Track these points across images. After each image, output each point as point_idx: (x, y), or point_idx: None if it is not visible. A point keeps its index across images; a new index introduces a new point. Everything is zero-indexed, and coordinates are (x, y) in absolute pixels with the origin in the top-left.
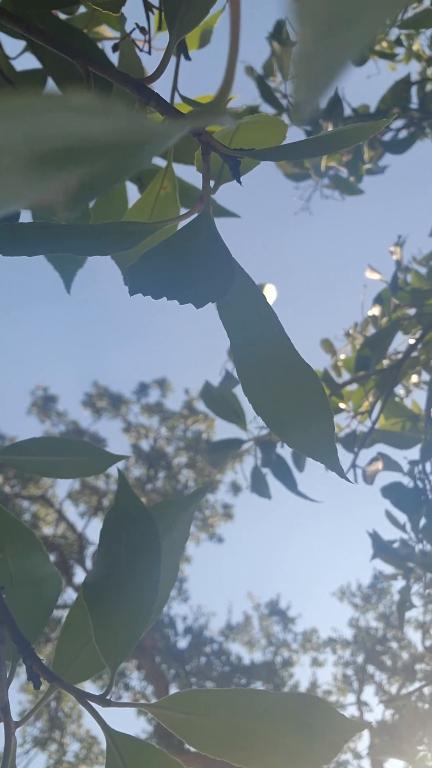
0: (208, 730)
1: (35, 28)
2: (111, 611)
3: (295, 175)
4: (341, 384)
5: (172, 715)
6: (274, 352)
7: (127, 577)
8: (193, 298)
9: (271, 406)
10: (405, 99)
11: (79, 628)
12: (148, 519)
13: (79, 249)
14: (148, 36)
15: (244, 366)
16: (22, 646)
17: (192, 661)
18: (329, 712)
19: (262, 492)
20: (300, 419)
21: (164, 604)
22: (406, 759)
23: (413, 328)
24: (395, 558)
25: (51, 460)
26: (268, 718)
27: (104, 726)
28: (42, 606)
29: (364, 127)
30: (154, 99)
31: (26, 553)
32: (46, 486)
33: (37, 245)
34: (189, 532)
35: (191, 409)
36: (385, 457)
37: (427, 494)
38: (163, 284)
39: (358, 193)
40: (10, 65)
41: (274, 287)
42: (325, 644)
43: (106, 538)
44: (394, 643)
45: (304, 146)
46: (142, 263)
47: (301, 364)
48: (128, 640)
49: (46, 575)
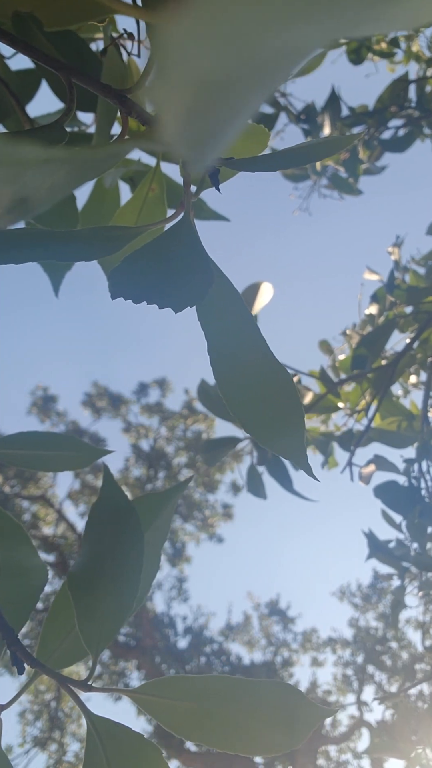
0: (187, 714)
1: (20, 41)
2: (94, 600)
3: (294, 176)
4: (338, 382)
5: (152, 700)
6: (250, 355)
7: (111, 567)
8: (171, 302)
9: (247, 407)
10: (403, 98)
11: (63, 617)
12: (132, 511)
13: (65, 255)
14: (137, 39)
15: (221, 368)
16: (6, 633)
17: (192, 661)
18: (301, 699)
19: (257, 492)
20: (273, 420)
21: (147, 593)
22: (403, 757)
23: (410, 327)
24: (391, 558)
25: (38, 454)
26: (244, 704)
27: (84, 709)
28: (28, 596)
29: (339, 139)
30: (136, 110)
31: (13, 545)
32: (46, 486)
33: (24, 252)
34: (171, 524)
35: (191, 409)
36: (381, 459)
37: (420, 493)
38: (142, 288)
39: (356, 193)
40: (5, 65)
41: (271, 286)
42: (325, 644)
43: (91, 529)
44: (394, 643)
45: (280, 157)
46: (123, 268)
47: (277, 367)
48: (111, 628)
49: (33, 566)
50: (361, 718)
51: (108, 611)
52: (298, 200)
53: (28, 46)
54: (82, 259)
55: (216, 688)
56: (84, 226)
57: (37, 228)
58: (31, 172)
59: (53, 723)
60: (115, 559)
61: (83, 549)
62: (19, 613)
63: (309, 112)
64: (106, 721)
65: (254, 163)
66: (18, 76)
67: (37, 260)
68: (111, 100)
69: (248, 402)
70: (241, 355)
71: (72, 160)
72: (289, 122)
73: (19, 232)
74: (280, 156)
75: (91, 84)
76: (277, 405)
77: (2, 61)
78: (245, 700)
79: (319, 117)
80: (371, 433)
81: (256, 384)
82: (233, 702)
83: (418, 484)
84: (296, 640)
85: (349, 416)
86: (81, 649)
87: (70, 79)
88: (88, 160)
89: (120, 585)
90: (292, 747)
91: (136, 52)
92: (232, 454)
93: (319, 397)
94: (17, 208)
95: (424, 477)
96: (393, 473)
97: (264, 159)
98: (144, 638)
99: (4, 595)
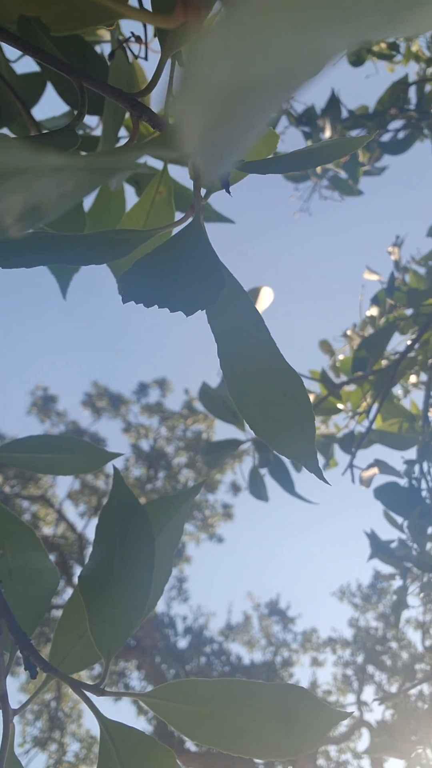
0: (198, 718)
1: (31, 45)
2: (106, 604)
3: (295, 177)
4: (339, 384)
5: (163, 704)
6: (260, 357)
7: (122, 572)
8: (182, 305)
9: (257, 410)
10: (403, 100)
11: (75, 621)
12: (143, 515)
13: (74, 259)
14: (145, 42)
15: (232, 371)
16: (19, 637)
17: (192, 661)
18: (313, 701)
19: (259, 494)
20: (284, 423)
21: (158, 597)
22: (403, 757)
23: (410, 329)
24: (392, 558)
25: (47, 458)
26: (255, 708)
27: (97, 714)
28: (39, 599)
29: (348, 141)
30: (146, 113)
31: (25, 549)
32: (46, 486)
33: (35, 257)
34: (183, 529)
35: (191, 409)
36: (382, 463)
37: (421, 495)
38: (154, 292)
39: (357, 194)
40: (10, 69)
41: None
42: (325, 644)
43: (101, 533)
44: (394, 643)
45: (290, 160)
46: (134, 272)
47: (287, 369)
48: (122, 632)
49: (44, 570)
50: (361, 718)
51: (120, 615)
52: (299, 201)
53: (38, 49)
54: (92, 262)
55: (227, 692)
56: (90, 229)
57: (47, 232)
58: (44, 179)
59: (53, 723)
60: (126, 563)
61: (94, 552)
62: (31, 617)
63: (309, 114)
64: (119, 725)
65: (265, 166)
66: (23, 79)
67: (48, 264)
68: (122, 104)
69: (258, 404)
70: (251, 357)
71: (84, 167)
72: (290, 125)
73: (30, 237)
74: (290, 159)
75: (102, 88)
76: (286, 407)
77: (8, 64)
78: (256, 704)
79: (320, 120)
80: (372, 435)
81: (265, 386)
82: (244, 705)
83: (419, 486)
84: (296, 640)
85: (350, 418)
86: (93, 654)
87: (81, 84)
88: (101, 167)
89: (131, 589)
90: (306, 751)
91: (142, 54)
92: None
93: (320, 398)
94: (29, 216)
95: (425, 478)
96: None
97: (274, 162)
98: (144, 638)
99: (15, 598)
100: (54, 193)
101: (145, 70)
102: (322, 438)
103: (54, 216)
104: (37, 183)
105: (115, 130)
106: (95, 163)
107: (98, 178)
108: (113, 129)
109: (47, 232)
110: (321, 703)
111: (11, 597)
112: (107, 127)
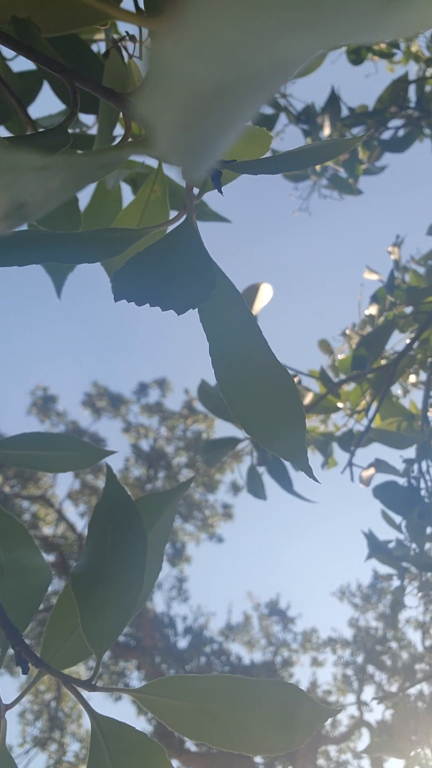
0: (190, 714)
1: (23, 45)
2: (97, 600)
3: (294, 176)
4: (338, 383)
5: (155, 700)
6: (252, 357)
7: (114, 567)
8: (174, 304)
9: (249, 409)
10: (402, 98)
11: (66, 617)
12: (134, 511)
13: (68, 257)
14: (140, 41)
15: (223, 370)
16: (10, 633)
17: (192, 661)
18: (303, 698)
19: (257, 493)
20: (275, 422)
21: (149, 593)
22: (403, 757)
23: (410, 327)
24: (390, 558)
25: (41, 455)
26: (247, 703)
27: (88, 708)
28: (31, 596)
29: (342, 142)
30: (138, 114)
31: (17, 545)
32: (45, 486)
33: (28, 255)
34: (173, 524)
35: (191, 409)
36: (381, 462)
37: (420, 494)
38: (145, 291)
39: (356, 193)
40: (6, 66)
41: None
42: (324, 644)
43: (93, 529)
44: (394, 643)
45: (283, 160)
46: (126, 270)
47: (279, 369)
48: (114, 628)
49: (36, 567)
50: (361, 718)
51: (111, 611)
52: (298, 200)
53: (30, 49)
54: (85, 261)
55: (219, 688)
56: (86, 227)
57: (40, 230)
58: (28, 178)
59: (53, 723)
60: (118, 559)
61: (86, 549)
62: (23, 613)
63: (309, 112)
64: (110, 720)
65: (257, 167)
66: (20, 77)
67: (41, 262)
68: (113, 104)
69: (249, 403)
70: (243, 357)
71: (69, 166)
72: (289, 123)
73: (23, 235)
74: (282, 159)
75: (94, 87)
76: (277, 406)
77: (4, 62)
78: (248, 700)
79: (319, 118)
80: (371, 434)
81: (257, 385)
82: (236, 701)
83: (418, 485)
84: (296, 640)
85: (349, 416)
86: (84, 649)
87: (73, 83)
88: (85, 166)
89: (123, 585)
90: (295, 747)
91: (137, 54)
92: (232, 454)
93: (319, 397)
94: (15, 214)
95: (423, 477)
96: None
97: (266, 162)
98: (144, 638)
99: (8, 595)
100: (40, 192)
101: (141, 69)
102: (321, 436)
103: (41, 214)
104: (21, 181)
105: (110, 129)
106: (80, 162)
107: (84, 177)
108: (108, 128)
109: (40, 230)
110: (312, 700)
111: (3, 593)
112: (102, 125)
